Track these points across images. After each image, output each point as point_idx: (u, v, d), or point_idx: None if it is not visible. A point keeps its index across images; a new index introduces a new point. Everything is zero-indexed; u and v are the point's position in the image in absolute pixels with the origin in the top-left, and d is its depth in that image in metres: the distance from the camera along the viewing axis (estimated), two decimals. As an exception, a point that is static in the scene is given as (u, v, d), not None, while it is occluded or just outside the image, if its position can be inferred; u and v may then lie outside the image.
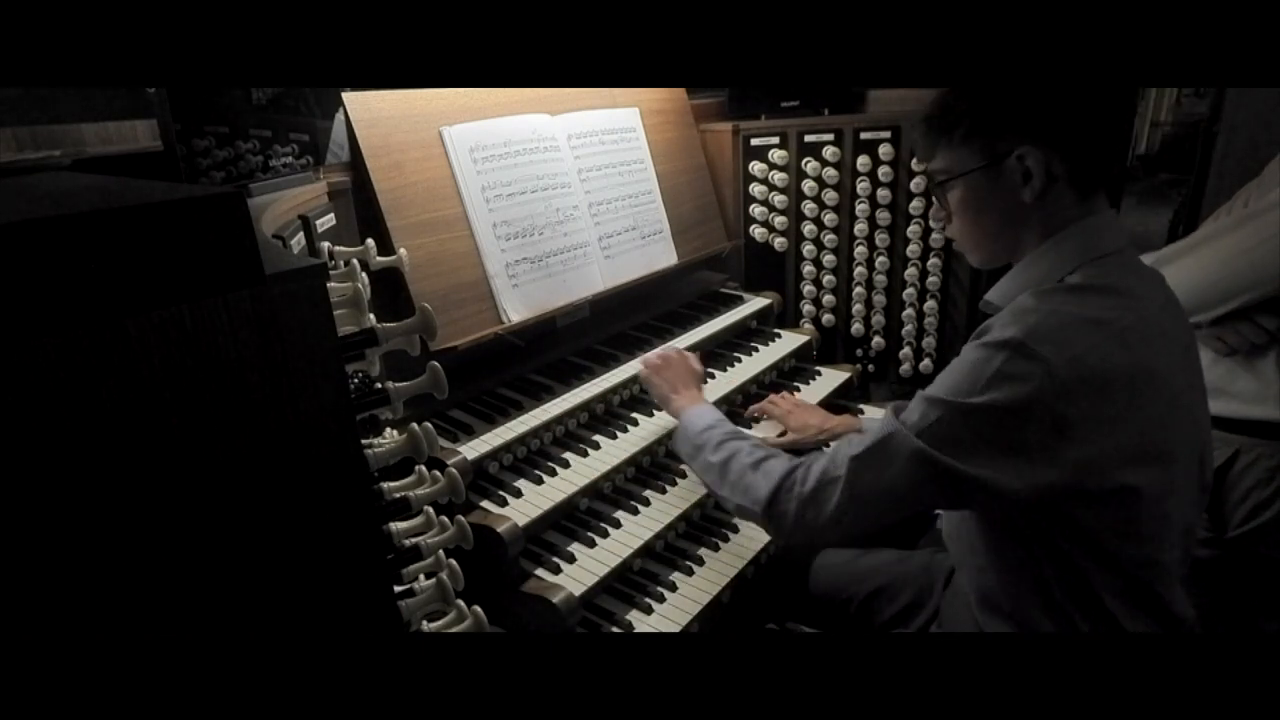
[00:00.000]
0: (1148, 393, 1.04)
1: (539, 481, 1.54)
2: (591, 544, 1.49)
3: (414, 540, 1.05)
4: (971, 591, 1.28)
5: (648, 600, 1.44)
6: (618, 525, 1.54)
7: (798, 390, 2.05)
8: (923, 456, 1.06)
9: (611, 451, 1.65)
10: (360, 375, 1.04)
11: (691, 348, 1.97)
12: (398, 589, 1.02)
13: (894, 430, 1.10)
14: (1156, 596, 1.15)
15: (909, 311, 2.25)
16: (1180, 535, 1.15)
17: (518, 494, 1.51)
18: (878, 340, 2.31)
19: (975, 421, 1.03)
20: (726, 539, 1.62)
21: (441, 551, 1.07)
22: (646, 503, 1.60)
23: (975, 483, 1.04)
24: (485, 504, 1.47)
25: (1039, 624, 1.18)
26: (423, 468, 1.10)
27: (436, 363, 1.02)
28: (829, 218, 2.23)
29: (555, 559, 1.44)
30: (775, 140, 2.23)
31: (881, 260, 2.24)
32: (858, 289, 2.29)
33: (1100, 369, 1.01)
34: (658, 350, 1.77)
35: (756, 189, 2.28)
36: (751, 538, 1.63)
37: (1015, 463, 1.03)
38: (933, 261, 2.18)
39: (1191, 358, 1.17)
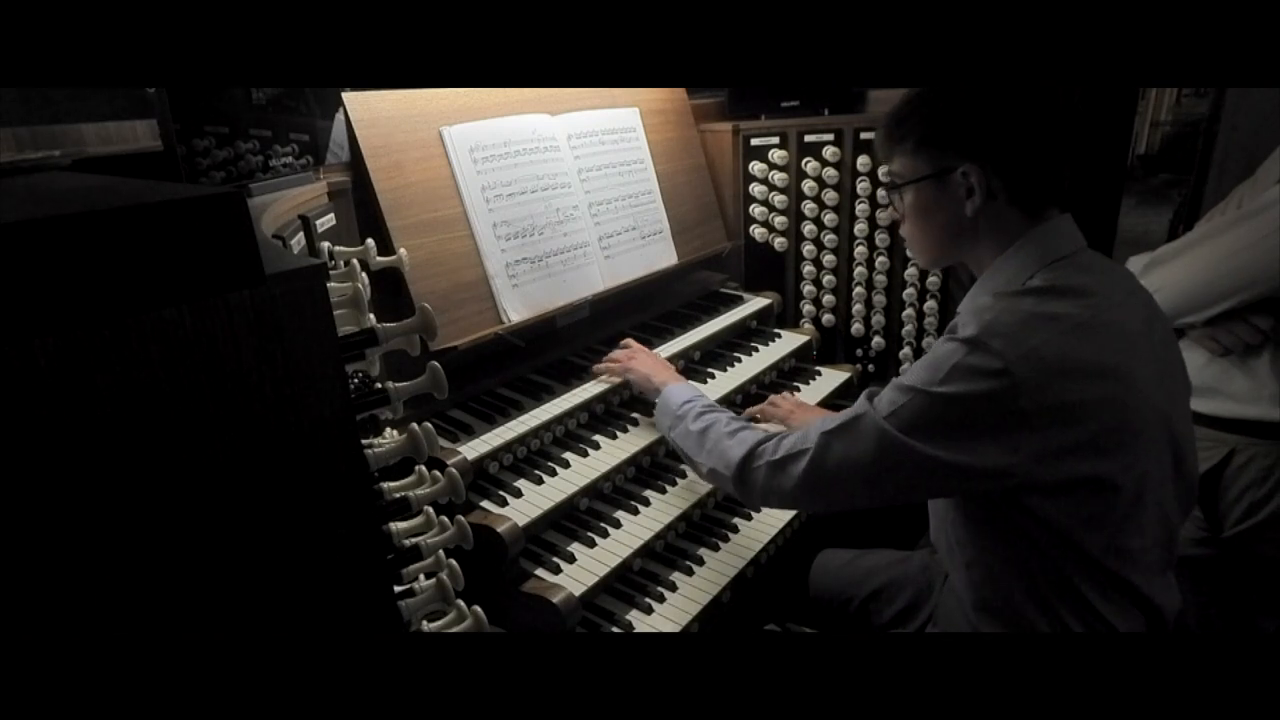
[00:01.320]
0: (1106, 385, 1.07)
1: (539, 481, 1.54)
2: (591, 544, 1.49)
3: (414, 540, 1.05)
4: (963, 590, 1.28)
5: (648, 600, 1.44)
6: (618, 525, 1.54)
7: (798, 390, 2.05)
8: (888, 437, 1.12)
9: (611, 451, 1.65)
10: (360, 375, 1.05)
11: (691, 348, 1.98)
12: (398, 589, 1.02)
13: (865, 411, 1.16)
14: (1130, 586, 1.16)
15: (909, 311, 2.25)
16: (1156, 525, 1.16)
17: (518, 494, 1.51)
18: (878, 340, 2.31)
19: (938, 408, 1.09)
20: (726, 539, 1.62)
21: (441, 551, 1.07)
22: (646, 503, 1.60)
23: (934, 463, 1.09)
24: (485, 504, 1.47)
25: (1029, 618, 1.19)
26: (423, 468, 1.10)
27: (436, 363, 1.02)
28: (829, 218, 2.23)
29: (555, 559, 1.44)
30: (775, 140, 2.23)
31: (881, 260, 2.24)
32: (858, 289, 2.28)
33: (1054, 362, 1.05)
34: (616, 351, 1.81)
35: (756, 189, 2.28)
36: (751, 538, 1.63)
37: (972, 446, 1.08)
38: (933, 261, 2.18)
39: (1162, 349, 1.19)
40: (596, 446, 1.65)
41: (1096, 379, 1.07)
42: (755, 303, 2.26)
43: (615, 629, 1.39)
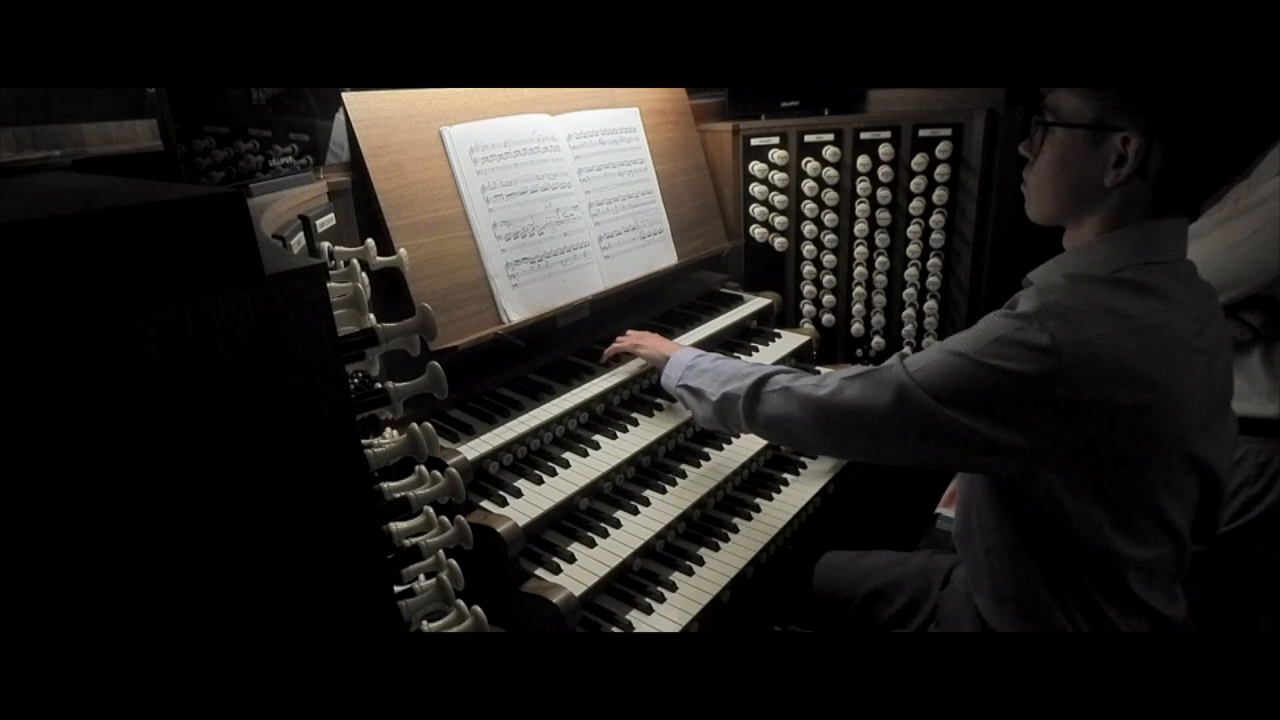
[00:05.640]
0: (1145, 394, 1.03)
1: (539, 481, 1.54)
2: (591, 544, 1.49)
3: (414, 540, 1.05)
4: (980, 579, 1.28)
5: (648, 600, 1.44)
6: (618, 525, 1.54)
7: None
8: (907, 391, 1.10)
9: (611, 451, 1.65)
10: (360, 375, 1.04)
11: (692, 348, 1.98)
12: (398, 589, 1.02)
13: (891, 365, 1.15)
14: (1131, 593, 1.15)
15: (909, 311, 2.25)
16: (1165, 539, 1.14)
17: (518, 494, 1.51)
18: (878, 340, 2.31)
19: (968, 373, 1.06)
20: (726, 539, 1.62)
21: (441, 551, 1.07)
22: (646, 503, 1.60)
23: (946, 426, 1.07)
24: (485, 504, 1.47)
25: (1046, 608, 1.19)
26: (423, 468, 1.10)
27: (436, 363, 1.02)
28: (829, 218, 2.23)
29: (555, 559, 1.44)
30: (775, 140, 2.23)
31: (881, 260, 2.24)
32: (858, 289, 2.28)
33: (1105, 358, 1.01)
34: (625, 336, 1.83)
35: (756, 189, 2.28)
36: (751, 538, 1.63)
37: (991, 417, 1.06)
38: (933, 261, 2.18)
39: (1221, 380, 1.14)
40: (596, 446, 1.65)
41: (1139, 386, 1.02)
42: (755, 303, 2.26)
43: (615, 629, 1.39)
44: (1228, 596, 1.83)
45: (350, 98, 1.55)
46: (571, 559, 1.45)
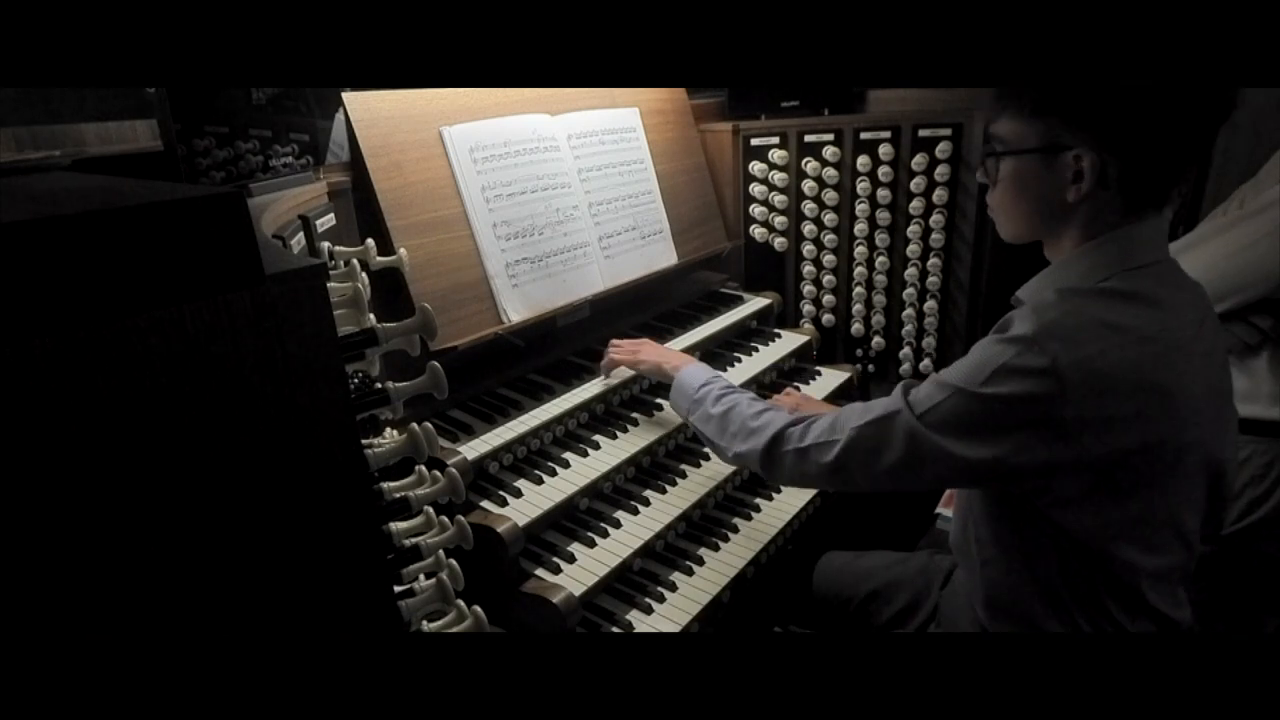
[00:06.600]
0: (1152, 404, 1.03)
1: (539, 481, 1.54)
2: (591, 544, 1.49)
3: (414, 540, 1.05)
4: (976, 589, 1.28)
5: (648, 600, 1.44)
6: (618, 525, 1.54)
7: (798, 390, 2.04)
8: (918, 436, 1.10)
9: (611, 451, 1.65)
10: (360, 375, 1.04)
11: (691, 348, 1.98)
12: (398, 589, 1.02)
13: (899, 409, 1.13)
14: (1143, 599, 1.15)
15: (909, 311, 2.25)
16: (1177, 544, 1.14)
17: (518, 494, 1.51)
18: (878, 340, 2.31)
19: (976, 408, 1.06)
20: (726, 539, 1.62)
21: (441, 551, 1.07)
22: (646, 503, 1.60)
23: (964, 462, 1.08)
24: (485, 504, 1.47)
25: (1042, 621, 1.18)
26: (423, 468, 1.10)
27: (436, 363, 1.02)
28: (829, 218, 2.23)
29: (555, 559, 1.44)
30: (775, 140, 2.23)
31: (881, 260, 2.24)
32: (858, 289, 2.28)
33: (1106, 373, 1.01)
34: (614, 343, 1.80)
35: (756, 189, 2.28)
36: (751, 538, 1.63)
37: (1005, 442, 1.05)
38: (933, 261, 2.18)
39: (1219, 377, 1.15)
40: (596, 446, 1.65)
41: (1145, 397, 1.02)
42: (755, 303, 2.26)
43: (615, 629, 1.39)
44: (1233, 597, 1.83)
45: (350, 98, 1.55)
46: (571, 559, 1.45)
